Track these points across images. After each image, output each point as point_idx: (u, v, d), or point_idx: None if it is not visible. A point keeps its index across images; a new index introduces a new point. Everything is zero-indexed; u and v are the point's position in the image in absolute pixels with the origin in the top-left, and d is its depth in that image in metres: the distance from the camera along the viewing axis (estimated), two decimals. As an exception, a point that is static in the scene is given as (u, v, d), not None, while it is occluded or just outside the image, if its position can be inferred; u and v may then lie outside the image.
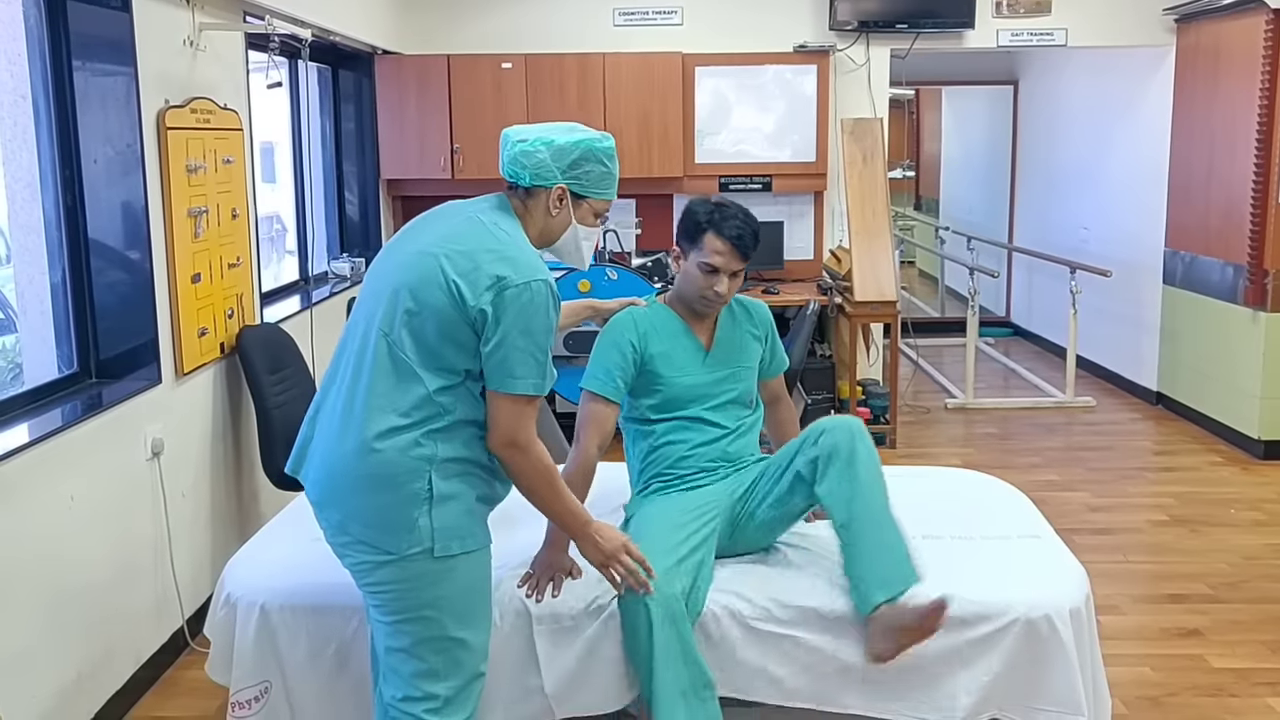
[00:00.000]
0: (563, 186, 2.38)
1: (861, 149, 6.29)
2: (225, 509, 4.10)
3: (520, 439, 2.26)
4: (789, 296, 6.31)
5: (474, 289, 2.20)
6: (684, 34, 6.65)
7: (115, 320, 3.54)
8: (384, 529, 2.24)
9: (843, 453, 2.65)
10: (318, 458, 2.32)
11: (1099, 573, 3.43)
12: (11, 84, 3.32)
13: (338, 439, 2.27)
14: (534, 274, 2.23)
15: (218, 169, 4.01)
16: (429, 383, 2.23)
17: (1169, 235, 6.70)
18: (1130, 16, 6.63)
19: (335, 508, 2.29)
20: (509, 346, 2.21)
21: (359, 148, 6.41)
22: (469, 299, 2.20)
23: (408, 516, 2.23)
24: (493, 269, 2.22)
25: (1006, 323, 9.44)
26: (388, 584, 2.27)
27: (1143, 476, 5.64)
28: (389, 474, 2.22)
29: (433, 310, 2.22)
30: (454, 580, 2.29)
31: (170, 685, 3.56)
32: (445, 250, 2.25)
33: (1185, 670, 3.56)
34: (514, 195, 2.43)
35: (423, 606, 2.27)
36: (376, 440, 2.22)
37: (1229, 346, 6.03)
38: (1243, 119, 5.84)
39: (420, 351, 2.23)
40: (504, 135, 2.44)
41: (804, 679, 2.62)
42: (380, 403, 2.23)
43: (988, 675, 2.57)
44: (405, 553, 2.23)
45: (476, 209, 2.38)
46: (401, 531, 2.23)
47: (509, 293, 2.20)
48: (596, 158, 2.41)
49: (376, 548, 2.25)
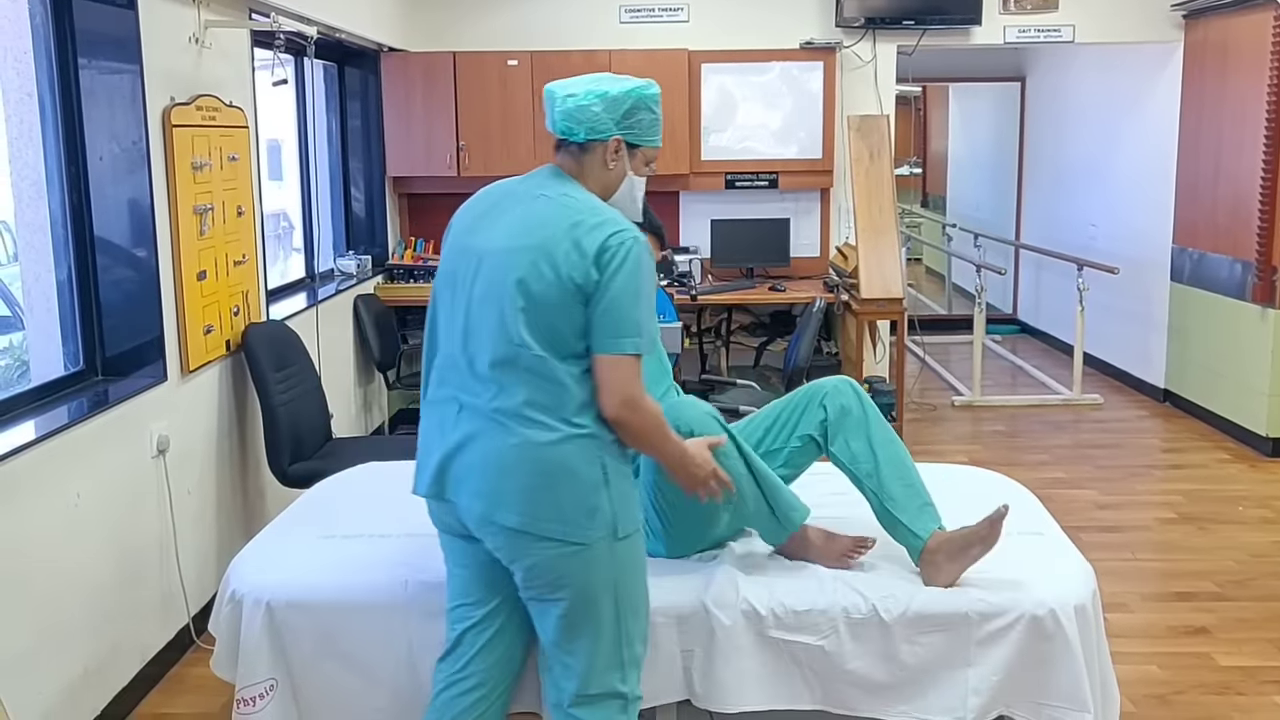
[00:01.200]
0: (618, 138, 2.36)
1: (868, 146, 6.28)
2: (231, 506, 4.10)
3: (635, 397, 2.24)
4: (795, 294, 6.30)
5: (578, 267, 2.20)
6: (690, 31, 6.64)
7: (121, 317, 3.54)
8: (570, 519, 2.24)
9: (854, 412, 2.85)
10: (477, 466, 2.27)
11: (1106, 570, 3.41)
12: (18, 81, 3.33)
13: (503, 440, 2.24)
14: (625, 231, 2.24)
15: (223, 166, 4.01)
16: (568, 370, 2.23)
17: (1177, 232, 6.68)
18: (1138, 12, 6.61)
19: (511, 510, 2.25)
20: (616, 307, 2.21)
21: (365, 145, 6.41)
22: (578, 278, 2.20)
23: (591, 503, 2.24)
24: (588, 239, 2.21)
25: (1014, 320, 9.42)
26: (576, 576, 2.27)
27: (1150, 474, 5.62)
28: (567, 465, 2.23)
29: (547, 303, 2.21)
30: (633, 559, 2.34)
31: (176, 682, 3.57)
32: (534, 240, 2.24)
33: (1193, 668, 3.55)
34: (565, 154, 2.39)
35: (605, 591, 2.30)
36: (546, 438, 2.22)
37: (1237, 344, 6.01)
38: (1251, 115, 5.82)
39: (551, 346, 2.22)
40: (548, 91, 2.41)
41: (814, 682, 2.62)
42: (541, 399, 2.22)
43: (996, 674, 2.57)
44: (593, 539, 2.25)
45: (537, 187, 2.36)
46: (584, 518, 2.24)
47: (606, 255, 2.20)
48: (646, 105, 2.39)
49: (564, 541, 2.24)
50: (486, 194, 2.43)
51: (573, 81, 2.40)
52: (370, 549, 2.87)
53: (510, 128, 6.39)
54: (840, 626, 2.60)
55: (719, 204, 6.79)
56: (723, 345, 6.84)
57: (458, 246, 2.38)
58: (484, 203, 2.41)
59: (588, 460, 2.24)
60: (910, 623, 2.59)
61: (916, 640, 2.59)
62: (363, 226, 6.45)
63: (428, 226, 6.75)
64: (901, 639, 2.59)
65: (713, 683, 2.61)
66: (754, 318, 6.91)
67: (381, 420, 6.28)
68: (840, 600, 2.62)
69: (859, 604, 2.61)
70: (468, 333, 2.30)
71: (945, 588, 2.64)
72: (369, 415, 6.09)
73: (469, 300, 2.30)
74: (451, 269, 2.37)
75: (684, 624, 2.62)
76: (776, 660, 2.62)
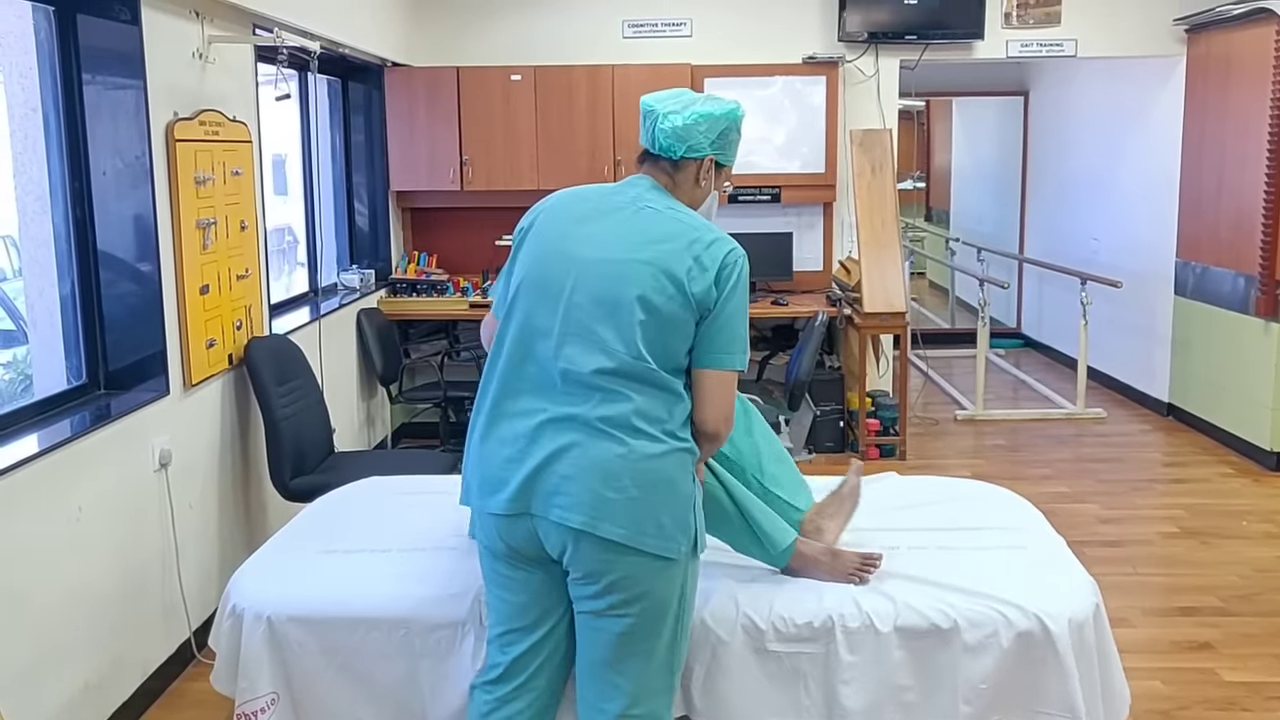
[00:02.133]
0: (711, 157, 2.40)
1: (870, 160, 6.29)
2: (233, 520, 4.10)
3: (732, 414, 2.31)
4: (798, 308, 6.30)
5: (700, 283, 2.22)
6: (693, 45, 6.66)
7: (124, 331, 3.55)
8: (668, 533, 2.24)
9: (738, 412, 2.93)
10: (580, 475, 2.21)
11: (1109, 585, 3.40)
12: (22, 96, 3.35)
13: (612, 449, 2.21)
14: (737, 248, 2.27)
15: (226, 181, 4.03)
16: (676, 383, 2.26)
17: (1180, 246, 6.68)
18: (1140, 27, 6.62)
19: (616, 522, 2.20)
20: (730, 324, 2.25)
21: (368, 159, 6.43)
22: (699, 294, 2.22)
23: (685, 517, 2.26)
24: (708, 256, 2.24)
25: (1017, 334, 9.41)
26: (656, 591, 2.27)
27: (1153, 488, 5.61)
28: (670, 478, 2.24)
29: (666, 317, 2.22)
30: (696, 578, 2.38)
31: (177, 697, 3.56)
32: (654, 254, 2.23)
33: (1196, 684, 3.53)
34: (657, 168, 2.40)
35: (672, 608, 2.31)
36: (655, 450, 2.22)
37: (1241, 357, 6.00)
38: (1254, 129, 5.82)
39: (663, 358, 2.23)
40: (647, 106, 2.39)
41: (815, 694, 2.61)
42: (650, 409, 2.23)
43: (985, 683, 2.57)
44: (681, 554, 2.26)
45: (640, 198, 2.34)
46: (680, 533, 2.25)
47: (725, 271, 2.24)
48: (738, 126, 2.43)
49: (657, 555, 2.23)
50: (578, 200, 2.38)
51: (670, 98, 2.40)
52: (372, 563, 2.87)
53: (513, 142, 6.40)
54: (837, 637, 2.59)
55: (722, 218, 6.70)
56: (726, 359, 6.82)
57: (550, 252, 2.30)
58: (577, 209, 2.35)
59: (686, 474, 2.26)
60: (903, 632, 2.59)
61: (908, 650, 2.59)
62: (366, 240, 6.46)
63: (431, 240, 6.77)
64: (895, 648, 2.58)
65: (714, 698, 2.61)
66: (756, 332, 6.90)
67: (384, 434, 6.28)
68: (836, 611, 2.62)
69: (854, 614, 2.60)
70: (564, 341, 2.24)
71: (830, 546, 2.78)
72: (372, 429, 6.09)
73: (567, 308, 2.25)
74: (542, 275, 2.29)
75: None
76: (777, 673, 2.61)
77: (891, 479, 3.54)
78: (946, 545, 2.95)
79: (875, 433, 6.07)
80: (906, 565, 2.80)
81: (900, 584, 2.71)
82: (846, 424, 6.21)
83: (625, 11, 6.68)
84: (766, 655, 2.61)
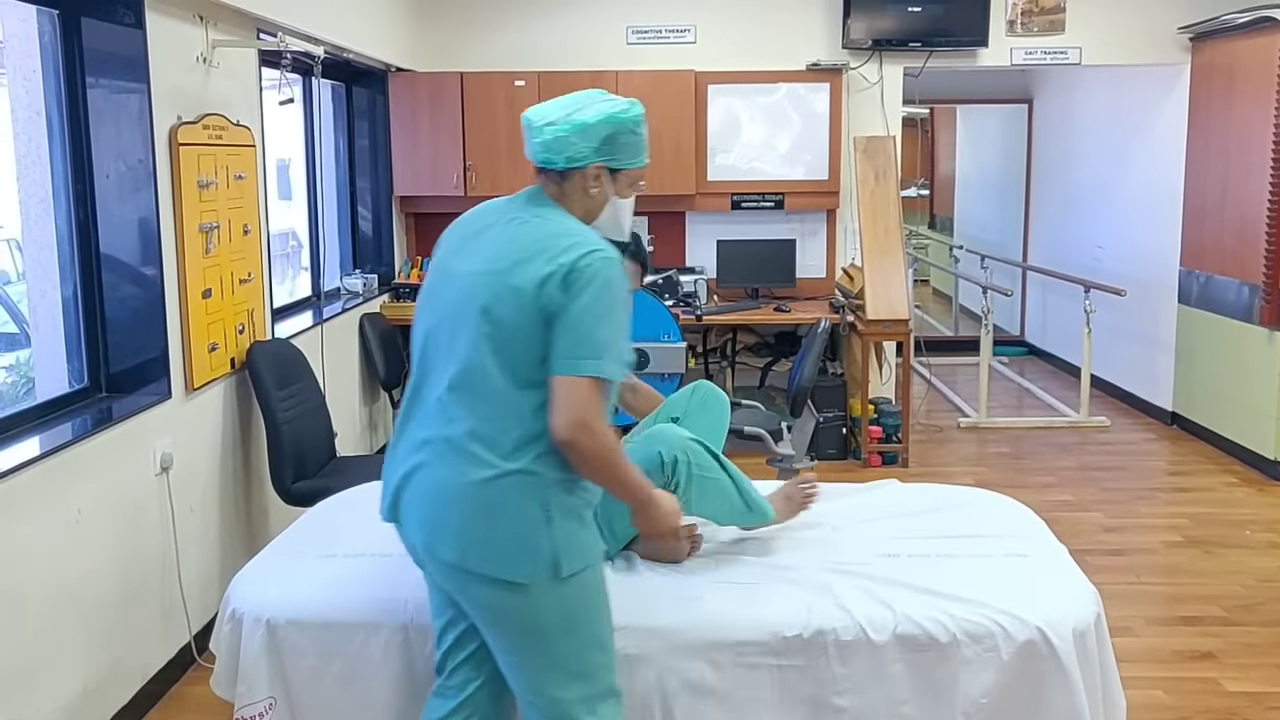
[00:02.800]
0: (598, 165, 2.33)
1: (874, 167, 6.29)
2: (234, 524, 4.10)
3: (588, 420, 2.13)
4: (800, 314, 6.29)
5: (550, 286, 2.14)
6: (697, 52, 6.67)
7: (126, 335, 3.55)
8: (506, 558, 2.18)
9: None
10: (419, 497, 2.24)
11: (1112, 594, 3.39)
12: (26, 100, 3.35)
13: (443, 474, 2.21)
14: (598, 251, 2.18)
15: (229, 185, 4.03)
16: (526, 398, 2.18)
17: (1184, 254, 6.67)
18: (1145, 35, 6.62)
19: (450, 544, 2.21)
20: (577, 327, 2.14)
21: (372, 164, 6.44)
22: (542, 300, 2.14)
23: (530, 540, 2.18)
24: (562, 261, 2.15)
25: (1021, 342, 9.40)
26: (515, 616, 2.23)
27: (1157, 497, 5.59)
28: (502, 503, 2.17)
29: (510, 327, 2.16)
30: (584, 597, 2.27)
31: (176, 701, 3.56)
32: (505, 264, 2.20)
33: (1199, 694, 3.52)
34: (548, 180, 2.36)
35: (556, 631, 2.24)
36: (480, 476, 2.17)
37: (1245, 366, 5.99)
38: (1258, 138, 5.81)
39: (513, 372, 2.17)
40: (526, 120, 2.38)
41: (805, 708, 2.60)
42: (485, 430, 2.18)
43: (986, 697, 2.54)
44: (531, 579, 2.18)
45: (516, 210, 2.34)
46: (525, 557, 2.18)
47: (575, 275, 2.14)
48: (628, 129, 2.35)
49: (499, 580, 2.19)
50: (475, 216, 2.41)
51: (551, 107, 2.37)
52: (371, 568, 2.86)
53: (517, 148, 6.32)
54: (830, 648, 2.57)
55: (725, 224, 6.80)
56: (728, 365, 6.83)
57: (436, 269, 2.37)
58: (470, 225, 2.39)
59: (526, 498, 2.18)
60: (899, 644, 2.57)
61: (906, 662, 2.57)
62: (369, 245, 6.47)
63: (434, 245, 6.76)
64: (891, 660, 2.56)
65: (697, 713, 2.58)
66: (759, 338, 6.90)
67: (386, 439, 6.28)
68: (829, 623, 2.59)
69: (848, 626, 2.58)
70: (425, 357, 2.30)
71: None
72: (374, 434, 6.09)
73: (438, 325, 2.28)
74: (428, 293, 2.36)
75: (671, 654, 2.59)
76: (767, 688, 2.58)
77: (892, 486, 3.53)
78: (948, 553, 2.94)
79: (878, 440, 6.06)
80: (907, 573, 2.79)
81: (900, 592, 2.70)
82: (849, 431, 6.20)
83: (630, 18, 6.68)
84: (758, 668, 2.58)
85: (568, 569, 2.20)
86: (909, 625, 2.58)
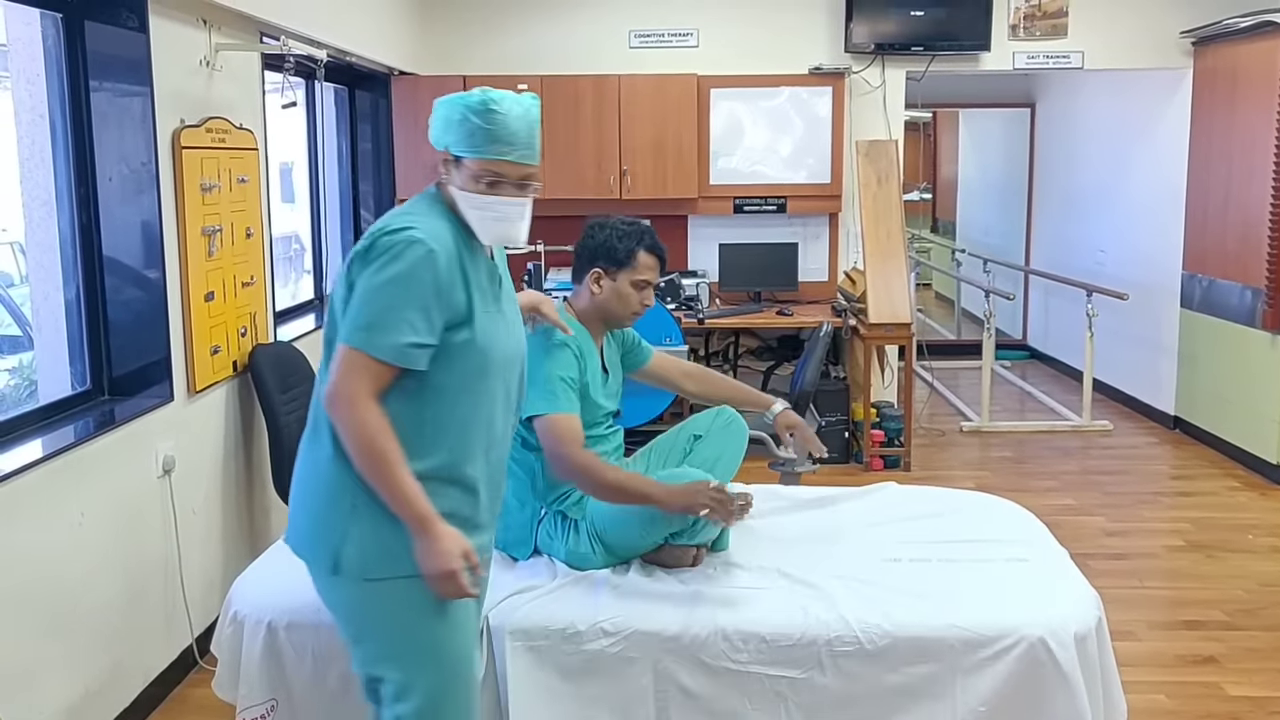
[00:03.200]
0: (444, 152, 2.18)
1: (876, 171, 6.29)
2: (236, 527, 4.10)
3: (348, 390, 2.02)
4: (803, 318, 6.29)
5: (350, 265, 2.10)
6: (699, 56, 6.67)
7: (128, 337, 3.56)
8: (314, 542, 2.16)
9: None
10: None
11: (1114, 598, 3.39)
12: (29, 102, 3.36)
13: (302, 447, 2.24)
14: (401, 231, 2.06)
15: (232, 188, 4.04)
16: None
17: (1186, 258, 6.67)
18: (1147, 39, 6.62)
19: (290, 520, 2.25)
20: (356, 299, 2.06)
21: (375, 167, 6.44)
22: (350, 276, 2.09)
23: (336, 533, 2.12)
24: (365, 238, 2.10)
25: (1023, 345, 9.40)
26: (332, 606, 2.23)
27: (1159, 501, 5.59)
28: (321, 487, 2.15)
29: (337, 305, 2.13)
30: (395, 609, 2.14)
31: (179, 703, 3.56)
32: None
33: (1201, 698, 3.51)
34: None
35: (368, 635, 2.19)
36: (313, 454, 2.17)
37: (1247, 370, 5.99)
38: (1260, 142, 5.81)
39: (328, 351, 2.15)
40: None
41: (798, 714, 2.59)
42: (318, 412, 2.16)
43: (985, 705, 2.53)
44: (341, 571, 2.13)
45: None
46: (317, 542, 2.15)
47: (367, 249, 2.07)
48: (470, 112, 2.13)
49: (312, 564, 2.19)
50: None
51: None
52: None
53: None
54: (823, 658, 2.56)
55: (727, 228, 6.80)
56: (730, 369, 6.83)
57: None
58: None
59: (340, 487, 2.10)
60: (895, 652, 2.56)
61: (901, 670, 2.56)
62: (372, 248, 6.45)
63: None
64: (886, 669, 2.56)
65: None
66: (761, 342, 6.91)
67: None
68: (823, 632, 2.59)
69: (842, 634, 2.57)
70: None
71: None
72: (376, 437, 6.07)
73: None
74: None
75: (662, 660, 2.59)
76: (760, 695, 2.58)
77: (890, 488, 3.53)
78: (949, 558, 2.94)
79: (880, 443, 6.06)
80: (908, 579, 2.79)
81: (900, 598, 2.70)
82: (851, 435, 6.20)
83: (632, 22, 6.69)
84: (749, 677, 2.58)
85: (374, 573, 2.11)
86: (906, 631, 2.57)
